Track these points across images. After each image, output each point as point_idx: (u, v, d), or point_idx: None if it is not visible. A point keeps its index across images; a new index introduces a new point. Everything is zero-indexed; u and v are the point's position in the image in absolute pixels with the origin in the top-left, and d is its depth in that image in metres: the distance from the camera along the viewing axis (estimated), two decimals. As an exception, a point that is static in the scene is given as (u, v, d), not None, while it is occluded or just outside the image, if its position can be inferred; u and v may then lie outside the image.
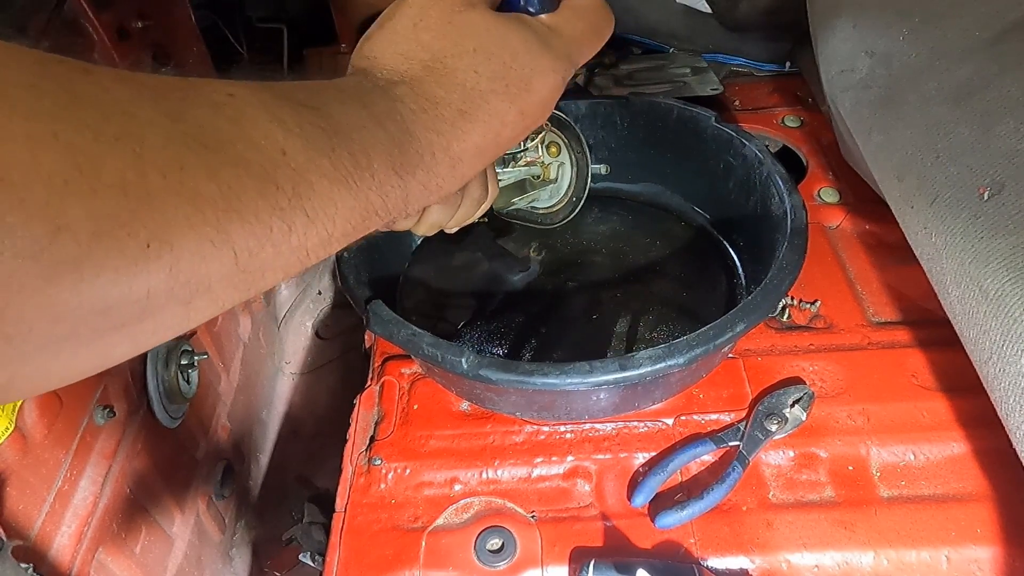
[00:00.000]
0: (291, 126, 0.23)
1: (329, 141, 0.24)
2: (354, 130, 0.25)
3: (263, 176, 0.21)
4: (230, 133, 0.21)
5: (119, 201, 0.18)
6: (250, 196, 0.21)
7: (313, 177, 0.23)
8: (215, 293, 0.21)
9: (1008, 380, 0.38)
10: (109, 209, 0.17)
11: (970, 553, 0.45)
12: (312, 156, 0.23)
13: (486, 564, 0.46)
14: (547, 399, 0.50)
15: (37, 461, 0.48)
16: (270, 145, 0.22)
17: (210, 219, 0.20)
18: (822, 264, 0.63)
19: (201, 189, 0.19)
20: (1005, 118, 0.42)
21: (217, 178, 0.20)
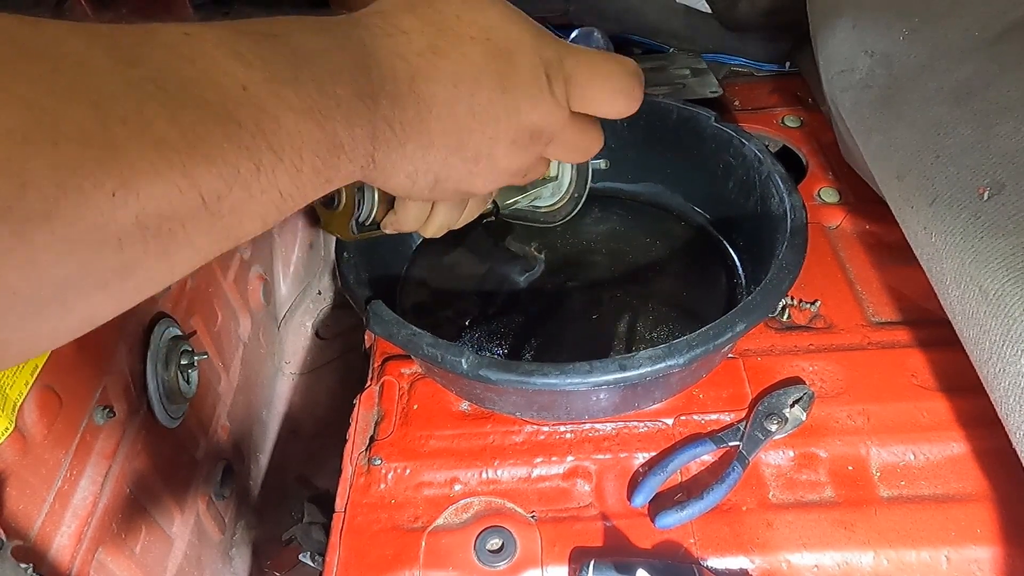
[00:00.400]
0: (251, 59, 0.22)
1: (292, 70, 0.23)
2: (317, 55, 0.24)
3: (225, 116, 0.21)
4: (188, 73, 0.21)
5: (81, 152, 0.17)
6: (214, 138, 0.20)
7: (278, 111, 0.22)
8: (192, 241, 0.21)
9: (1008, 380, 0.38)
10: (71, 161, 0.17)
11: (970, 553, 0.45)
12: (275, 88, 0.22)
13: (486, 564, 0.46)
14: (547, 399, 0.50)
15: (37, 461, 0.48)
16: (230, 82, 0.21)
17: (175, 163, 0.19)
18: (822, 264, 0.63)
19: (163, 134, 0.19)
20: (1005, 118, 0.42)
21: (178, 121, 0.19)
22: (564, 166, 0.59)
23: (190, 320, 0.71)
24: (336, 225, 0.44)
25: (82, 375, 0.53)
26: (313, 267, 1.05)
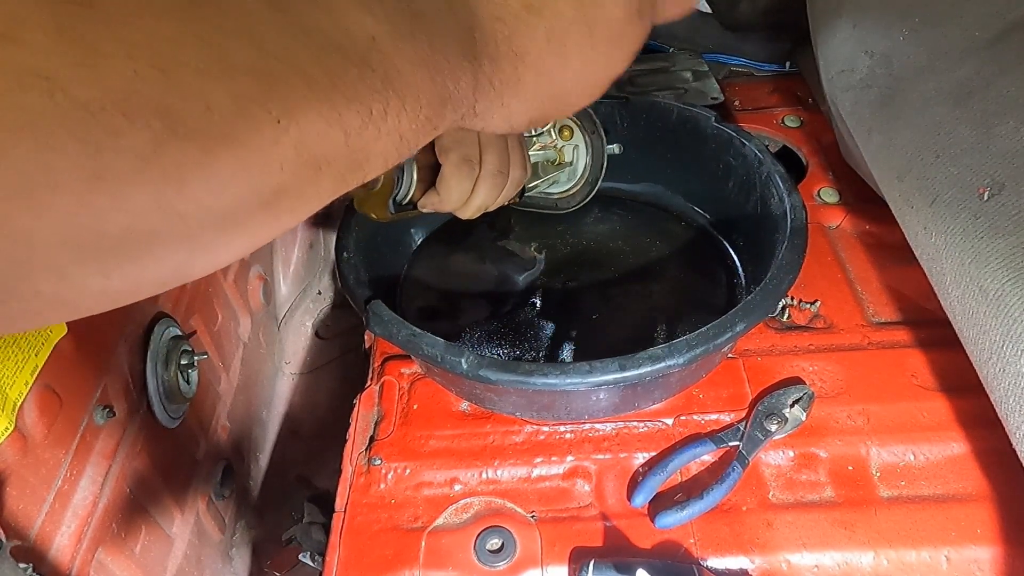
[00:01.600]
0: (377, 12, 0.25)
1: (410, 26, 0.26)
2: (430, 15, 0.27)
3: (359, 61, 0.23)
4: (327, 23, 0.23)
5: (251, 83, 0.20)
6: (351, 79, 0.23)
7: (399, 61, 0.25)
8: (334, 171, 0.23)
9: (1008, 380, 0.38)
10: (244, 90, 0.20)
11: (970, 553, 0.45)
12: (396, 41, 0.25)
13: (486, 564, 0.46)
14: (547, 399, 0.50)
15: (37, 461, 0.48)
16: (361, 32, 0.24)
17: (323, 98, 0.22)
18: (822, 264, 0.63)
19: (312, 72, 0.21)
20: (1005, 118, 0.42)
21: (323, 63, 0.22)
22: (579, 151, 0.59)
23: (190, 320, 0.71)
24: (372, 204, 0.44)
25: (82, 375, 0.53)
26: (313, 267, 1.05)
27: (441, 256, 0.68)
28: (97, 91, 0.17)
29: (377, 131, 0.24)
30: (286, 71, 0.21)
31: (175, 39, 0.19)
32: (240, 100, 0.20)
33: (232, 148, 0.19)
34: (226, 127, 0.19)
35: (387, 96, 0.24)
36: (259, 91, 0.20)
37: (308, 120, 0.21)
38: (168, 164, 0.18)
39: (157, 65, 0.18)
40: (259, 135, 0.20)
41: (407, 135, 0.26)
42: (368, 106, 0.23)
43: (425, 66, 0.26)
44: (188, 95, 0.18)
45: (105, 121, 0.17)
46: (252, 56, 0.20)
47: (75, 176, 0.17)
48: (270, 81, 0.20)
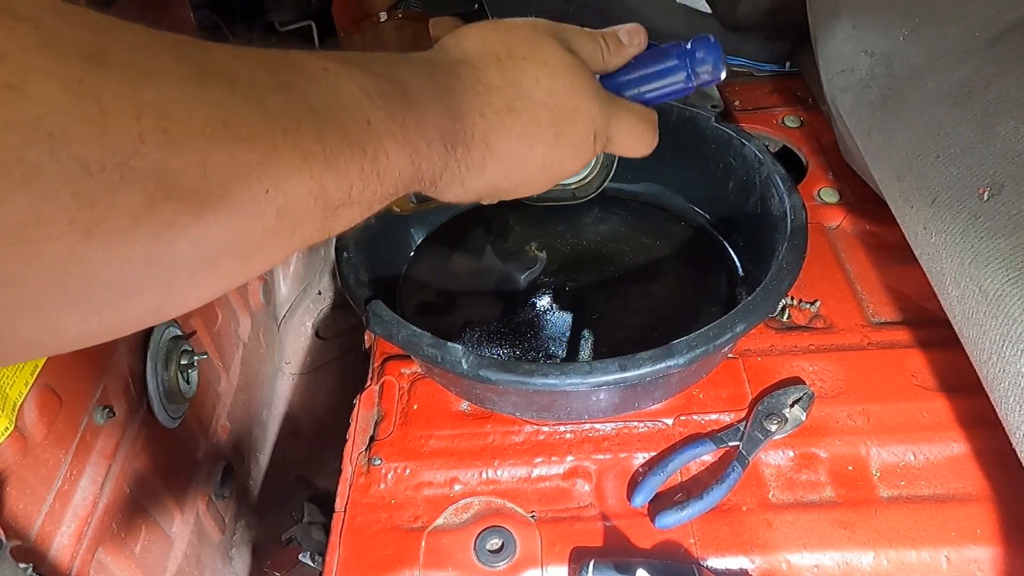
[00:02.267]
0: (375, 97, 0.27)
1: (402, 112, 0.28)
2: (421, 102, 0.29)
3: (355, 141, 0.25)
4: (329, 102, 0.25)
5: (252, 152, 0.21)
6: (345, 157, 0.24)
7: (388, 144, 0.27)
8: (304, 233, 0.25)
9: (1008, 380, 0.38)
10: (244, 158, 0.21)
11: (970, 553, 0.45)
12: (389, 125, 0.27)
13: (486, 564, 0.46)
14: (547, 399, 0.50)
15: (37, 461, 0.48)
16: (360, 114, 0.26)
17: (315, 174, 0.23)
18: (822, 264, 0.63)
19: (310, 147, 0.23)
20: (1005, 118, 0.42)
21: (323, 140, 0.23)
22: None
23: (190, 320, 0.71)
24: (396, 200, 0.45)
25: (82, 375, 0.53)
26: (313, 267, 1.05)
27: (441, 256, 0.68)
28: (99, 151, 0.17)
29: (351, 203, 0.26)
30: (287, 143, 0.22)
31: (187, 103, 0.20)
32: (238, 168, 0.21)
33: (222, 212, 0.21)
34: (220, 192, 0.20)
35: (370, 176, 0.26)
36: (258, 160, 0.21)
37: (296, 192, 0.23)
38: (159, 222, 0.19)
39: (163, 127, 0.19)
40: (249, 201, 0.21)
41: (374, 205, 0.28)
42: (351, 184, 0.25)
43: (408, 150, 0.28)
44: (188, 159, 0.19)
45: (103, 179, 0.18)
46: (258, 125, 0.21)
47: (69, 229, 0.17)
48: (270, 151, 0.22)
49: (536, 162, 0.35)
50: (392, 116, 0.27)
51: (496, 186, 0.35)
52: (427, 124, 0.29)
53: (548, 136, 0.35)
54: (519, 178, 0.36)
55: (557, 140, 0.35)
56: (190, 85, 0.20)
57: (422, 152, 0.29)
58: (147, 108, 0.18)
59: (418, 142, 0.28)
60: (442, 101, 0.30)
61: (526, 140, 0.34)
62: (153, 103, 0.19)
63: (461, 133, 0.31)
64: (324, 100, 0.24)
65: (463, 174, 0.33)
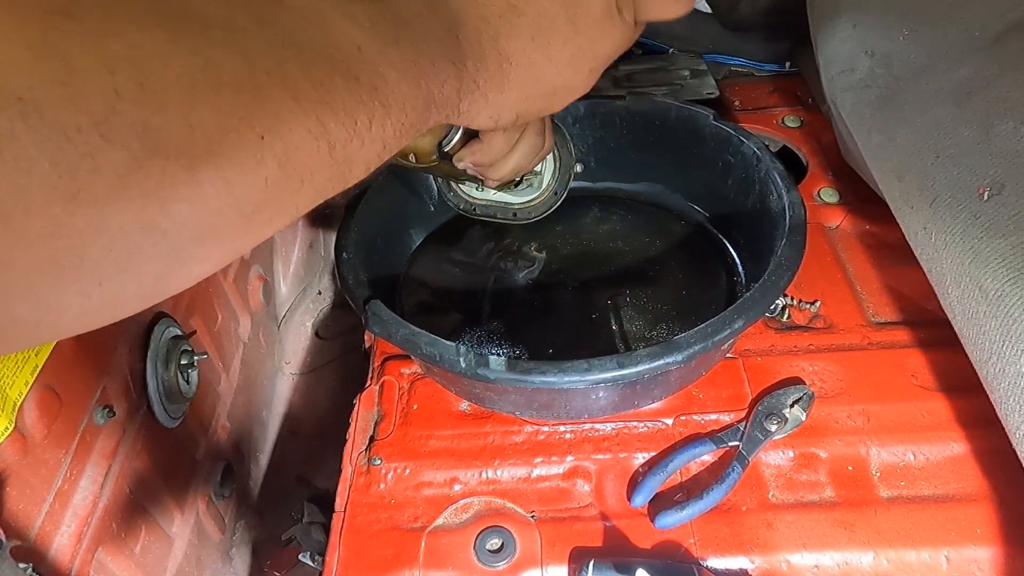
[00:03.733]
0: (362, 21, 0.25)
1: (395, 33, 0.26)
2: (413, 19, 0.27)
3: (346, 72, 0.23)
4: (313, 34, 0.23)
5: (237, 98, 0.19)
6: (338, 90, 0.23)
7: (384, 69, 0.25)
8: (316, 183, 0.23)
9: (1008, 380, 0.38)
10: (230, 106, 0.19)
11: (970, 553, 0.45)
12: (382, 48, 0.25)
13: (486, 564, 0.46)
14: (546, 398, 0.50)
15: (37, 461, 0.48)
16: (347, 42, 0.24)
17: (309, 112, 0.21)
18: (822, 264, 0.63)
19: (299, 85, 0.21)
20: (1005, 118, 0.42)
21: (310, 75, 0.22)
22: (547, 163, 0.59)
23: (190, 320, 0.71)
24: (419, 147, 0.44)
25: (82, 375, 0.53)
26: (313, 267, 1.05)
27: (440, 256, 0.68)
28: (72, 111, 0.16)
29: (361, 141, 0.24)
30: (273, 85, 0.20)
31: (161, 52, 0.18)
32: (225, 117, 0.19)
33: (216, 166, 0.19)
34: (210, 145, 0.19)
35: (372, 107, 0.24)
36: (245, 107, 0.20)
37: (294, 135, 0.21)
38: (149, 184, 0.18)
39: (139, 80, 0.17)
40: (243, 152, 0.20)
41: (390, 142, 0.26)
42: (354, 118, 0.23)
43: (410, 72, 0.26)
44: (170, 113, 0.18)
45: (81, 142, 0.16)
46: (239, 69, 0.20)
47: (50, 199, 0.16)
48: (257, 96, 0.20)
49: (561, 57, 0.32)
50: (384, 39, 0.25)
51: (529, 97, 0.33)
52: (426, 42, 0.27)
53: (563, 23, 0.32)
54: (551, 81, 0.33)
55: (574, 25, 0.32)
56: (163, 32, 0.18)
57: (427, 72, 0.27)
58: (119, 61, 0.17)
59: (420, 62, 0.26)
60: (436, 17, 0.28)
61: (540, 35, 0.31)
62: (125, 55, 0.17)
63: (467, 45, 0.29)
64: (307, 33, 0.23)
65: (484, 90, 0.30)
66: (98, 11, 0.17)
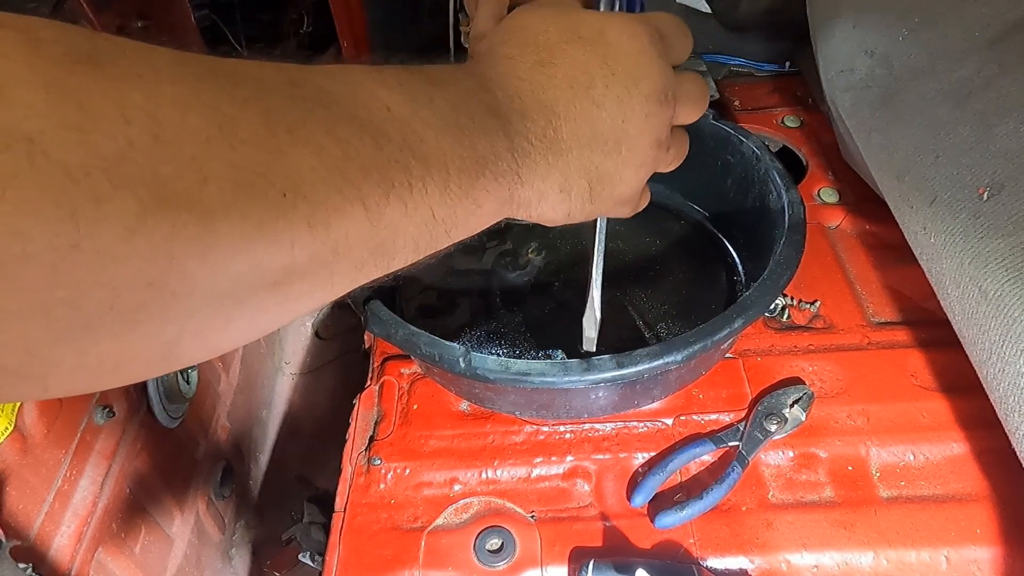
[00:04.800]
0: (392, 84, 0.25)
1: (428, 93, 0.25)
2: (447, 81, 0.27)
3: (374, 130, 0.23)
4: (341, 94, 0.23)
5: (255, 154, 0.19)
6: (367, 148, 0.22)
7: (418, 126, 0.24)
8: (354, 253, 0.22)
9: (1008, 380, 0.38)
10: (247, 161, 0.19)
11: (970, 553, 0.45)
12: (415, 108, 0.24)
13: (486, 564, 0.46)
14: (546, 398, 0.50)
15: (37, 461, 0.48)
16: (376, 103, 0.23)
17: (334, 169, 0.21)
18: (822, 264, 0.63)
19: (323, 143, 0.21)
20: (1005, 118, 0.42)
21: (335, 133, 0.21)
22: None
23: (190, 320, 0.70)
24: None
25: (82, 375, 0.53)
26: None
27: (441, 256, 0.67)
28: (82, 155, 0.16)
29: (404, 206, 0.23)
30: (293, 142, 0.20)
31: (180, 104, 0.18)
32: (242, 172, 0.19)
33: (231, 221, 0.18)
34: (225, 198, 0.18)
35: (408, 165, 0.23)
36: (262, 163, 0.19)
37: (319, 193, 0.20)
38: (157, 235, 0.17)
39: (153, 132, 0.17)
40: (263, 208, 0.19)
41: (441, 213, 0.24)
42: (388, 177, 0.22)
43: (449, 130, 0.25)
44: (182, 164, 0.17)
45: (88, 186, 0.16)
46: (260, 127, 0.20)
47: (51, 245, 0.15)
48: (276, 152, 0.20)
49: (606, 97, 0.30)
50: (415, 99, 0.24)
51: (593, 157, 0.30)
52: (462, 100, 0.26)
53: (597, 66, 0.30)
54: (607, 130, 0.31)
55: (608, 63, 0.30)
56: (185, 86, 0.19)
57: (468, 128, 0.25)
58: (135, 110, 0.17)
59: (458, 119, 0.25)
60: (471, 77, 0.28)
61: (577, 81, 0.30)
62: (142, 105, 0.17)
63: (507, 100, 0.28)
64: (335, 93, 0.22)
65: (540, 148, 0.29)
66: (124, 62, 0.18)
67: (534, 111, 0.29)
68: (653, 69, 0.32)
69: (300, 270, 0.21)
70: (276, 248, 0.20)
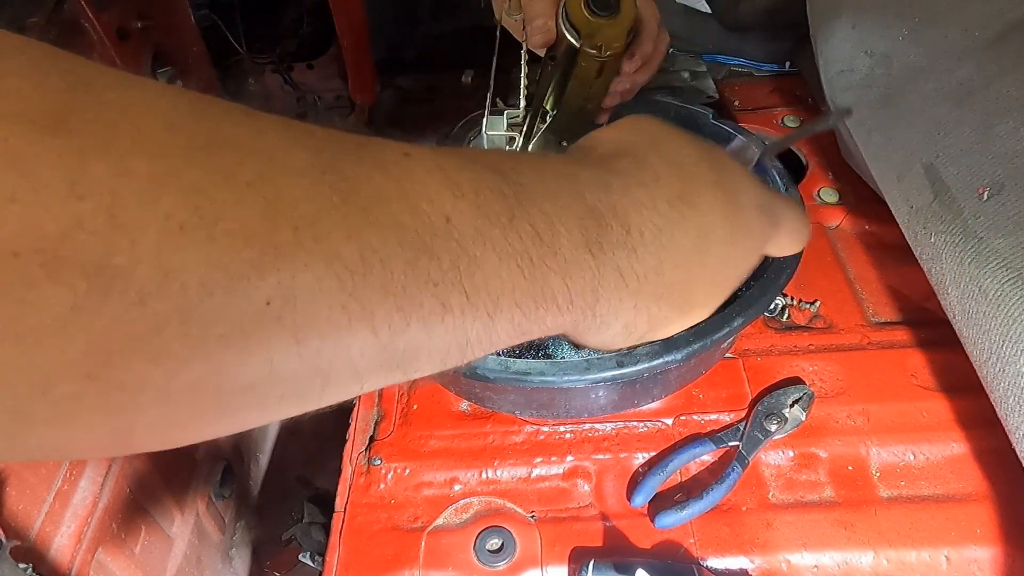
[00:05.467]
0: (465, 190, 0.20)
1: (509, 210, 0.21)
2: (546, 198, 0.22)
3: (416, 244, 0.18)
4: (387, 192, 0.18)
5: (238, 252, 0.16)
6: (397, 264, 0.18)
7: (478, 251, 0.20)
8: (358, 371, 0.19)
9: (1008, 380, 0.38)
10: (225, 259, 0.16)
11: (970, 553, 0.45)
12: (482, 225, 0.20)
13: (486, 564, 0.46)
14: (545, 397, 0.50)
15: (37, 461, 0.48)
16: (433, 209, 0.19)
17: (346, 285, 0.17)
18: (822, 264, 0.63)
19: (338, 250, 0.17)
20: (1005, 118, 0.42)
21: (359, 239, 0.17)
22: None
23: (190, 320, 0.70)
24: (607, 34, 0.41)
25: (82, 375, 0.53)
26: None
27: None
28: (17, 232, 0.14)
29: (427, 332, 0.19)
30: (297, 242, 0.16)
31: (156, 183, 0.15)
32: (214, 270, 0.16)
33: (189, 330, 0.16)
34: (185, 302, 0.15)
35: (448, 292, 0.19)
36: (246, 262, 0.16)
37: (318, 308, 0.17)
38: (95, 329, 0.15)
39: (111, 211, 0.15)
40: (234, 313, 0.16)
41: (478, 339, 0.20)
42: (417, 301, 0.18)
43: (517, 259, 0.20)
44: (140, 254, 0.15)
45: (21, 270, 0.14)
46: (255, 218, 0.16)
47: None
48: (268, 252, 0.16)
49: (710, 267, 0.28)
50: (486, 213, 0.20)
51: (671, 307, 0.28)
52: (553, 225, 0.22)
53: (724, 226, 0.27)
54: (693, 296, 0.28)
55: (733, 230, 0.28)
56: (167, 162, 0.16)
57: (547, 263, 0.21)
58: (94, 185, 0.15)
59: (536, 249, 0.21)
60: (581, 199, 0.23)
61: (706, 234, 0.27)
62: (104, 181, 0.15)
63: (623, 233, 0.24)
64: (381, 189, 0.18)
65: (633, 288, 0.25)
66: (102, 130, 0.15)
67: (649, 249, 0.25)
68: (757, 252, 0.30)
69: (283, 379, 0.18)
70: (249, 359, 0.17)
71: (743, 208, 0.29)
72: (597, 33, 0.41)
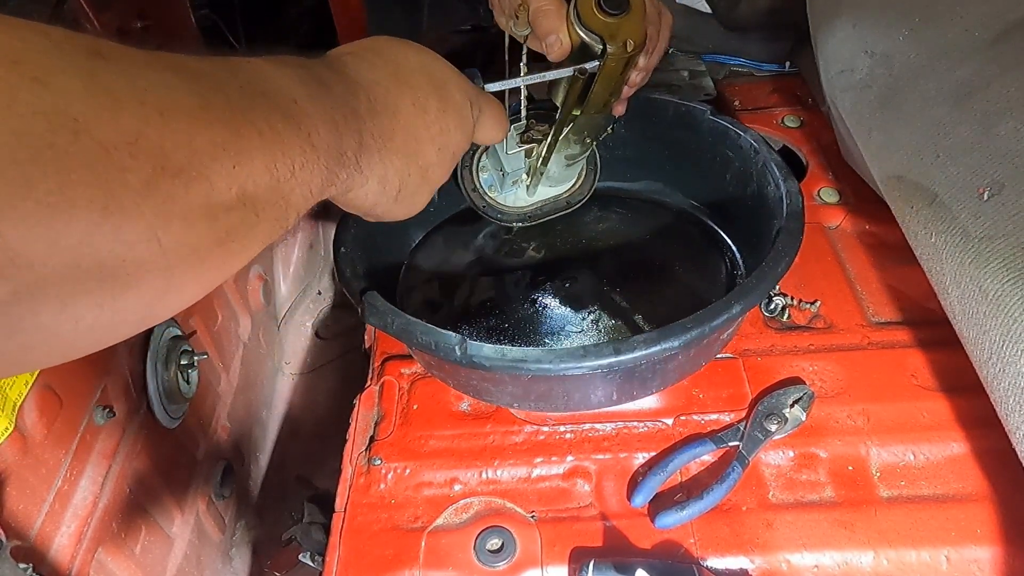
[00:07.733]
0: (295, 79, 0.29)
1: (318, 90, 0.31)
2: (330, 83, 0.32)
3: (293, 120, 0.27)
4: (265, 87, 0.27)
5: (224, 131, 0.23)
6: (289, 135, 0.27)
7: (316, 121, 0.29)
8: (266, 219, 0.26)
9: (1008, 380, 0.38)
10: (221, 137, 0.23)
11: (970, 553, 0.45)
12: (311, 105, 0.29)
13: (486, 564, 0.46)
14: (543, 387, 0.50)
15: (37, 461, 0.48)
16: (288, 94, 0.28)
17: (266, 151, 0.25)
18: (822, 264, 0.63)
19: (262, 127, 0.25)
20: (1005, 118, 0.42)
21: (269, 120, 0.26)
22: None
23: (190, 320, 0.71)
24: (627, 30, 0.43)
25: (82, 375, 0.53)
26: (313, 267, 1.05)
27: (441, 253, 0.68)
28: (113, 133, 0.19)
29: (296, 182, 0.27)
30: (247, 124, 0.24)
31: (172, 89, 0.22)
32: (215, 147, 0.23)
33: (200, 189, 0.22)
34: (202, 169, 0.22)
35: (307, 150, 0.28)
36: (229, 139, 0.23)
37: (256, 165, 0.25)
38: (158, 198, 0.20)
39: (160, 110, 0.21)
40: (223, 178, 0.23)
41: (314, 189, 0.29)
42: (292, 159, 0.27)
43: (331, 125, 0.30)
44: (179, 139, 0.21)
45: (116, 160, 0.19)
46: (223, 110, 0.24)
47: (88, 207, 0.19)
48: (235, 132, 0.24)
49: (433, 125, 0.38)
50: (312, 95, 0.30)
51: (410, 167, 0.37)
52: (340, 100, 0.32)
53: (435, 99, 0.38)
54: (426, 154, 0.38)
55: (442, 103, 0.38)
56: (172, 74, 0.22)
57: (340, 126, 0.31)
58: (147, 93, 0.21)
59: (335, 116, 0.31)
60: (343, 81, 0.34)
61: (418, 101, 0.37)
62: (149, 89, 0.21)
63: (368, 101, 0.34)
64: (261, 86, 0.27)
65: (378, 143, 0.35)
66: (121, 55, 0.21)
67: (382, 111, 0.35)
68: (465, 125, 0.41)
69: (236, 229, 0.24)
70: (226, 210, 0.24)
71: (449, 89, 0.39)
72: (619, 32, 0.43)
